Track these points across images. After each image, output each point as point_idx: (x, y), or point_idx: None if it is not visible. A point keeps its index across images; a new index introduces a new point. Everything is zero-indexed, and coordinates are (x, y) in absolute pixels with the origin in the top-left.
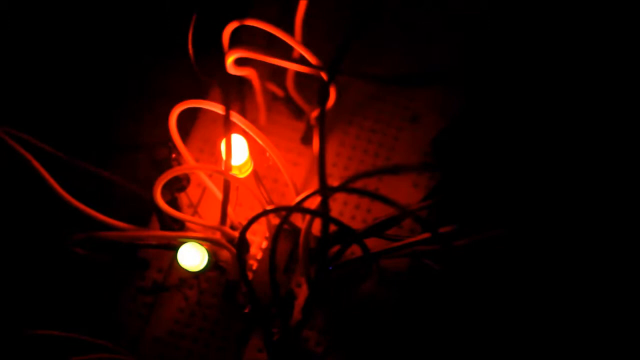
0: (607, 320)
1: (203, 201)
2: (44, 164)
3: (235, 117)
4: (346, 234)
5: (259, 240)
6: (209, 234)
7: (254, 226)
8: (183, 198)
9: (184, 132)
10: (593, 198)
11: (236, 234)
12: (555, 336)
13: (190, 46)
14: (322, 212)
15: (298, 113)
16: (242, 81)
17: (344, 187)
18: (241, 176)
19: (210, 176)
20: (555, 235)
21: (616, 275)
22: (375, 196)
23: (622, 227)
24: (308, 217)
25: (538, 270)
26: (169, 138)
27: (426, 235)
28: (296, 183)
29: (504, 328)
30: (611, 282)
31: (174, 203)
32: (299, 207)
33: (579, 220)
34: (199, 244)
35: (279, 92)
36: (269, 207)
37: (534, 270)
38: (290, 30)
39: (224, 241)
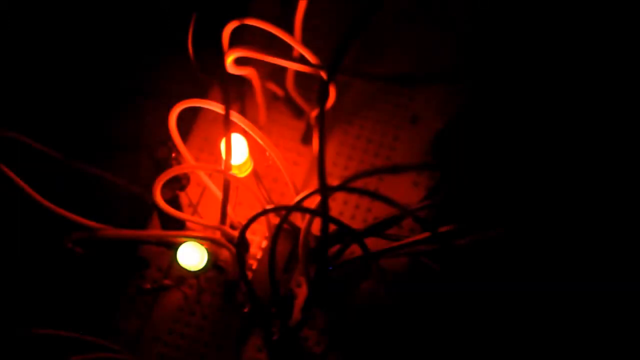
0: (607, 320)
1: (203, 200)
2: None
3: (234, 117)
4: (346, 234)
5: (259, 240)
6: (208, 233)
7: (254, 225)
8: (183, 197)
9: (184, 132)
10: (593, 196)
11: (236, 233)
12: (555, 335)
13: (190, 46)
14: (322, 211)
15: (298, 112)
16: (242, 81)
17: (344, 187)
18: (241, 175)
19: (210, 175)
20: (554, 234)
21: (616, 273)
22: (375, 196)
23: (623, 226)
24: (308, 216)
25: (537, 268)
26: (169, 138)
27: (426, 234)
28: (296, 182)
29: (503, 327)
30: (611, 280)
31: (174, 202)
32: (298, 207)
33: (578, 219)
34: (199, 243)
35: (279, 92)
36: (268, 207)
37: (534, 268)
38: (290, 30)
39: (223, 240)
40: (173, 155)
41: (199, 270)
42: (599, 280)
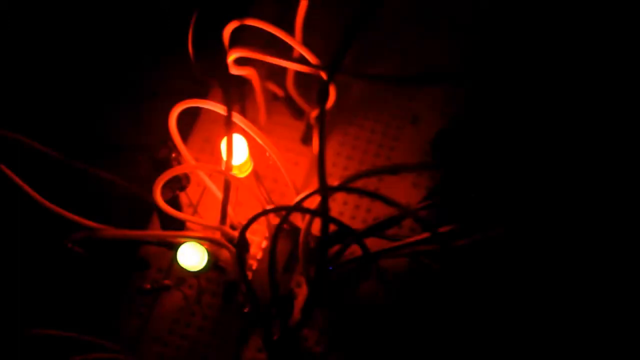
0: (607, 320)
1: (203, 201)
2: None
3: (235, 117)
4: (346, 234)
5: (258, 240)
6: (208, 234)
7: (254, 226)
8: (183, 197)
9: (185, 132)
10: (593, 197)
11: (236, 233)
12: (555, 335)
13: (190, 46)
14: (322, 211)
15: (298, 113)
16: (242, 81)
17: (344, 187)
18: (241, 176)
19: (210, 176)
20: (554, 234)
21: (616, 274)
22: (375, 196)
23: (622, 226)
24: (308, 217)
25: (538, 269)
26: (169, 138)
27: (426, 235)
28: (296, 183)
29: (504, 327)
30: (611, 281)
31: (174, 202)
32: (298, 207)
33: (578, 219)
34: (199, 243)
35: (279, 92)
36: (268, 207)
37: (534, 269)
38: (290, 30)
39: (223, 241)
40: (173, 155)
41: (199, 271)
42: (598, 279)
